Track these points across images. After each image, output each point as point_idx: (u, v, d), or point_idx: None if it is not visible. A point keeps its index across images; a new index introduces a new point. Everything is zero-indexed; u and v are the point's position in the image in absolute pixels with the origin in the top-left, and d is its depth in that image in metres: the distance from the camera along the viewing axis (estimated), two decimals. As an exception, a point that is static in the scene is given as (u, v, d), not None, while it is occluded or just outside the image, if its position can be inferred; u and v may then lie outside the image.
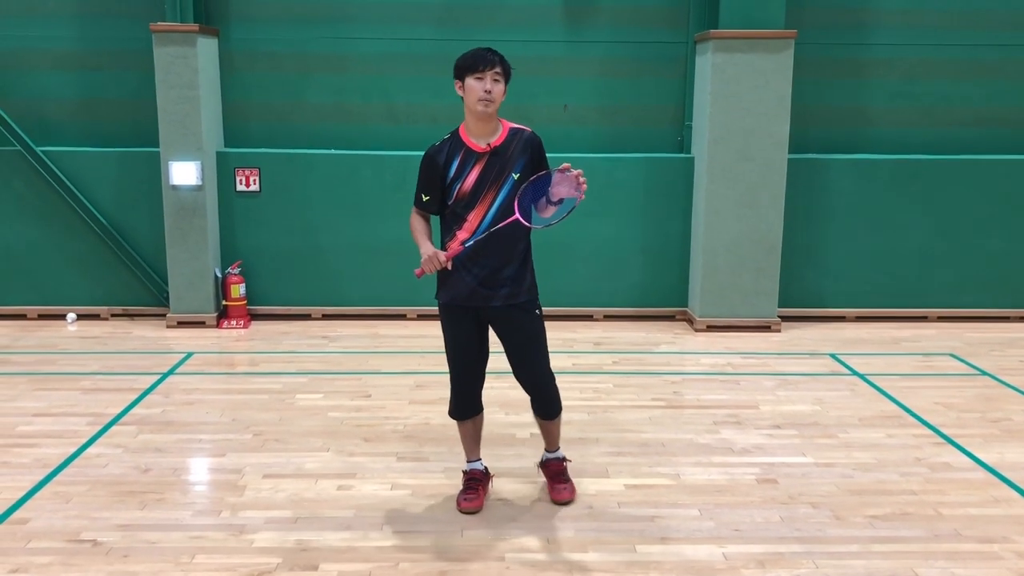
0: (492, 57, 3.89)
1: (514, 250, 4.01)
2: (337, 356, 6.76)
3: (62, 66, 7.54)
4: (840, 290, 7.84)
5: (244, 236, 7.65)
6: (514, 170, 3.95)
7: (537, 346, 4.14)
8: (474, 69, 3.88)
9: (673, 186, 7.68)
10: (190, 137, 7.23)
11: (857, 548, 3.92)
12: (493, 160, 3.95)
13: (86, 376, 6.21)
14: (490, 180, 3.95)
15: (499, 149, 3.96)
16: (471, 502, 4.23)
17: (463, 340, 4.12)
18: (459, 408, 4.25)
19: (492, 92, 3.87)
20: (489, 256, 3.96)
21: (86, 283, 7.69)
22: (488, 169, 3.95)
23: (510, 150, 3.97)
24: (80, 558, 3.77)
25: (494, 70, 3.88)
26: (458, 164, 3.97)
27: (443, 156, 3.99)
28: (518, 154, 3.97)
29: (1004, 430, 5.33)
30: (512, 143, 3.99)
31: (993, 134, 7.86)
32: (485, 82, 3.86)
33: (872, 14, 7.64)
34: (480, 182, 3.95)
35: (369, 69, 7.65)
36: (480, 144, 3.97)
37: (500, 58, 3.93)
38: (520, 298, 4.04)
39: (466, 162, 3.96)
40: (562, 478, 4.37)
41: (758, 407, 5.69)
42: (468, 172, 3.95)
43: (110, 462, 4.74)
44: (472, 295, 4.01)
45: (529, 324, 4.09)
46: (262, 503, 4.28)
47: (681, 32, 7.64)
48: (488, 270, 3.98)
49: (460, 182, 3.96)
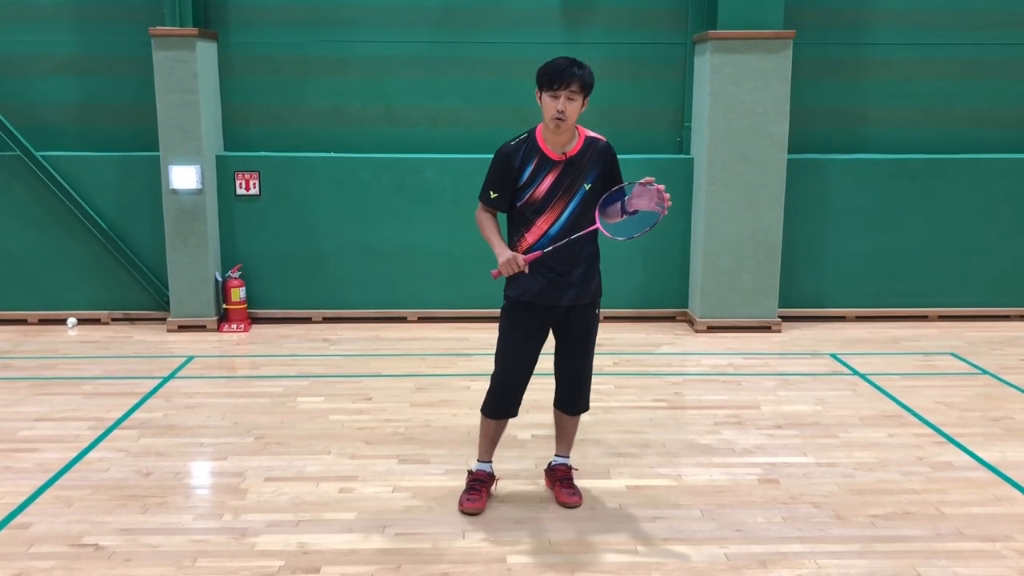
0: (569, 75, 3.82)
1: (582, 254, 4.04)
2: (338, 359, 6.76)
3: (62, 71, 7.54)
4: (840, 290, 7.84)
5: (244, 240, 7.66)
6: (587, 180, 3.98)
7: (591, 344, 4.20)
8: (550, 86, 3.85)
9: (673, 187, 7.48)
10: (190, 141, 7.23)
11: (859, 548, 3.92)
12: (568, 169, 3.97)
13: (87, 381, 6.21)
14: (563, 189, 3.97)
15: (574, 159, 3.97)
16: (474, 503, 4.22)
17: (523, 337, 4.12)
18: (499, 407, 4.22)
19: (566, 111, 3.84)
20: (560, 260, 3.99)
21: (87, 288, 7.69)
22: (562, 178, 3.97)
23: (584, 160, 3.99)
24: (82, 562, 3.77)
25: (570, 88, 3.82)
26: (532, 169, 3.97)
27: (518, 158, 3.98)
28: (591, 165, 3.99)
29: (1005, 429, 5.33)
30: (587, 153, 4.00)
31: (992, 133, 7.86)
32: (559, 101, 3.83)
33: (870, 14, 7.65)
34: (553, 190, 3.97)
35: (368, 72, 7.65)
36: (556, 152, 3.97)
37: (580, 74, 3.84)
38: (586, 299, 4.10)
39: (541, 168, 3.97)
40: (571, 483, 4.37)
41: (759, 407, 5.69)
42: (542, 179, 3.97)
43: (112, 466, 4.74)
44: (542, 293, 4.04)
45: (588, 322, 4.15)
46: (264, 506, 4.28)
47: (680, 33, 7.65)
48: (558, 273, 4.02)
49: (533, 188, 3.97)
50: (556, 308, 4.06)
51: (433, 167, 7.60)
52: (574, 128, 4.00)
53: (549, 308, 4.06)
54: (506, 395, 4.18)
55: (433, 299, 7.74)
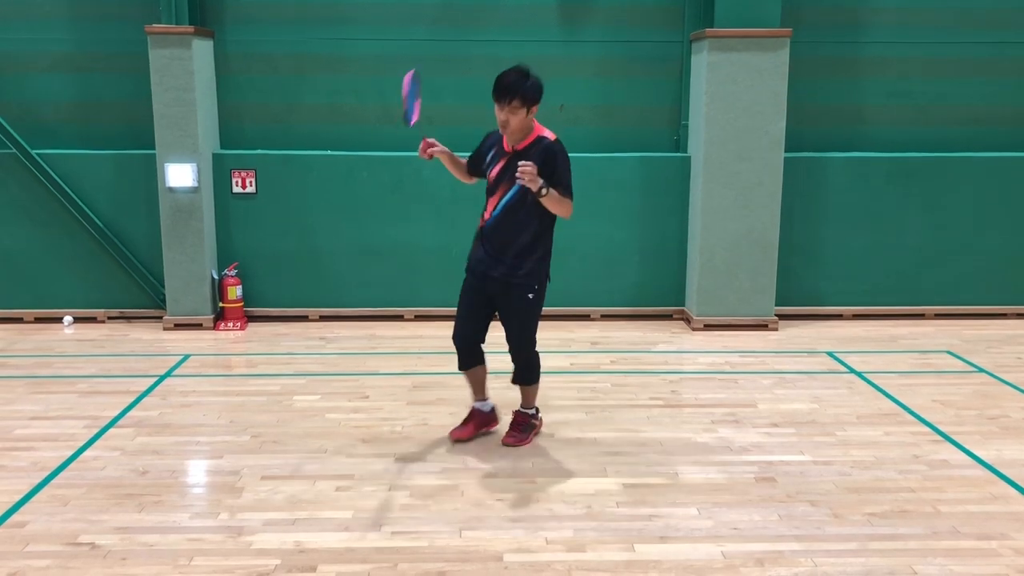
0: (510, 92, 4.44)
1: (516, 240, 4.66)
2: (334, 357, 6.75)
3: (57, 69, 7.52)
4: (837, 288, 7.84)
5: (240, 238, 7.64)
6: None
7: (519, 321, 4.78)
8: (495, 99, 4.51)
9: (670, 185, 7.68)
10: (186, 139, 7.22)
11: (855, 546, 3.92)
12: (513, 160, 4.55)
13: (83, 379, 6.20)
14: (507, 177, 4.59)
15: (519, 153, 4.58)
16: (461, 431, 5.01)
17: (467, 291, 4.85)
18: (459, 359, 4.94)
19: (508, 122, 4.52)
20: (498, 237, 4.70)
21: (83, 286, 7.68)
22: (507, 167, 4.59)
23: (529, 156, 4.52)
24: (78, 561, 3.76)
25: (511, 104, 4.46)
26: (492, 154, 4.73)
27: (490, 141, 4.79)
28: (534, 159, 4.46)
29: (1002, 427, 5.33)
30: (532, 149, 4.57)
31: (988, 132, 7.86)
32: (503, 112, 4.51)
33: (867, 12, 7.64)
34: (500, 175, 4.66)
35: (365, 70, 7.64)
36: (509, 145, 4.66)
37: (520, 91, 4.43)
38: (515, 279, 4.68)
39: (497, 155, 4.71)
40: (518, 427, 5.03)
41: (756, 406, 5.69)
42: (495, 164, 4.70)
43: (107, 465, 4.73)
44: (479, 262, 4.78)
45: (517, 302, 4.73)
46: (260, 505, 4.28)
47: (677, 31, 7.64)
48: (495, 248, 4.70)
49: (489, 170, 4.74)
50: (490, 279, 4.73)
51: (430, 165, 7.47)
52: (528, 128, 4.60)
53: (484, 276, 4.75)
54: (458, 348, 4.89)
55: (430, 297, 7.72)
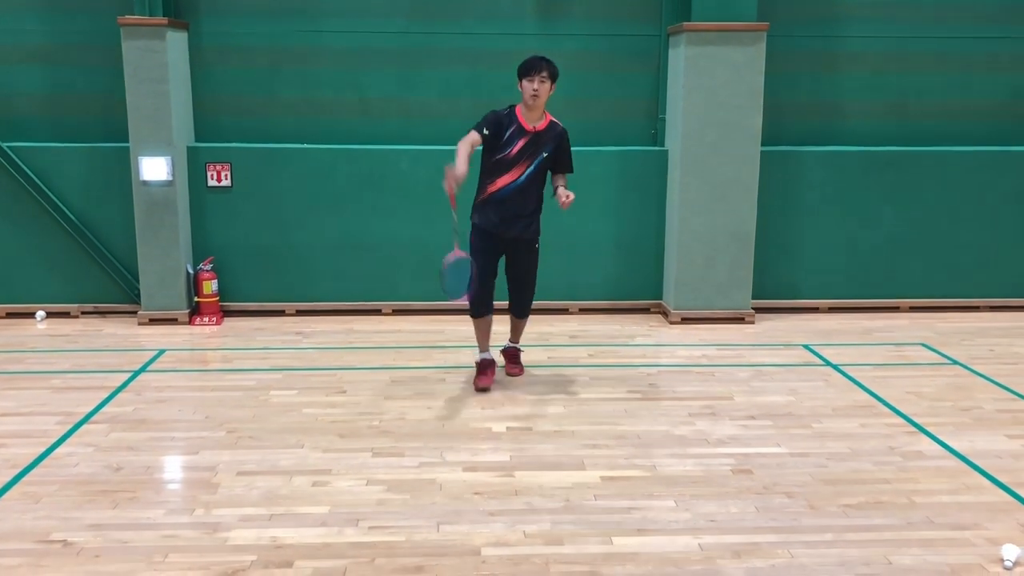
0: (540, 65, 5.32)
1: (529, 204, 5.53)
2: (311, 352, 6.71)
3: (29, 60, 7.41)
4: (813, 281, 7.89)
5: (216, 232, 7.58)
6: (544, 151, 5.45)
7: (532, 265, 5.74)
8: (527, 74, 5.31)
9: (647, 179, 7.69)
10: (160, 132, 7.14)
11: (832, 537, 3.95)
12: (534, 139, 5.41)
13: (56, 375, 6.13)
14: (528, 154, 5.40)
15: (540, 133, 5.43)
16: (484, 380, 5.70)
17: (481, 251, 5.52)
18: (475, 307, 5.63)
19: (539, 91, 5.32)
20: (517, 202, 5.48)
21: (56, 281, 7.58)
22: (529, 145, 5.40)
23: (547, 136, 5.45)
24: (50, 559, 3.72)
25: (540, 75, 5.30)
26: (510, 133, 5.38)
27: (504, 121, 5.39)
28: (551, 140, 5.46)
29: (975, 418, 5.39)
30: (550, 131, 5.47)
31: (962, 126, 7.93)
32: (534, 84, 5.30)
33: (843, 7, 7.68)
34: (521, 152, 5.40)
35: (341, 63, 7.60)
36: (529, 125, 5.40)
37: (548, 65, 5.34)
38: (527, 234, 5.58)
39: (516, 135, 5.38)
40: (517, 359, 6.08)
41: (733, 398, 5.71)
42: (516, 142, 5.38)
43: (81, 461, 4.68)
44: (499, 224, 5.52)
45: (528, 252, 5.68)
46: (236, 500, 4.25)
47: (654, 25, 7.65)
48: (513, 211, 5.49)
49: (509, 148, 5.38)
50: (506, 238, 5.55)
51: (407, 158, 7.55)
52: (543, 110, 5.43)
53: (501, 237, 5.54)
54: (478, 297, 5.50)
55: (408, 291, 7.70)
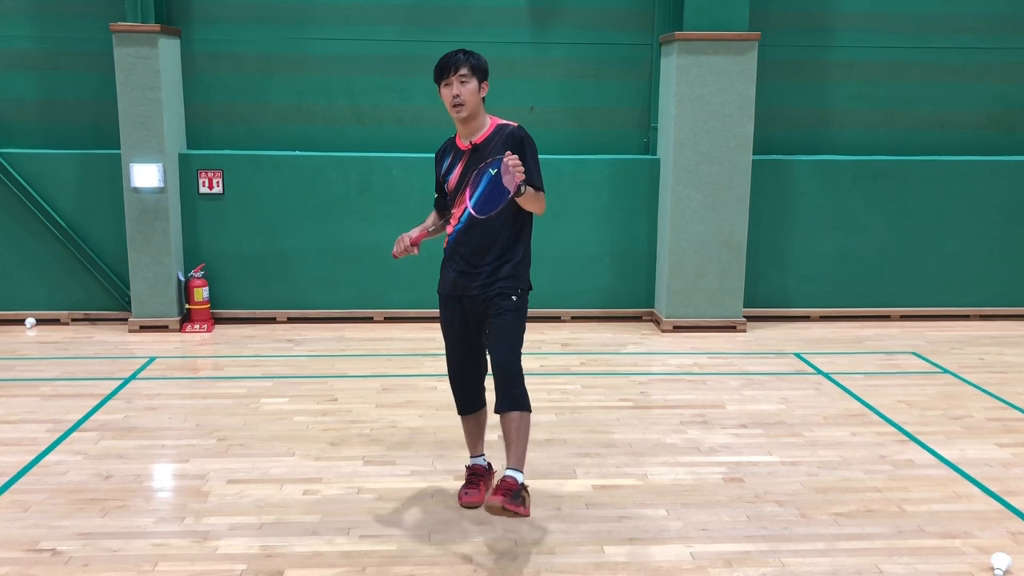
0: (455, 62, 3.92)
1: (492, 243, 3.99)
2: (303, 360, 6.70)
3: (20, 67, 7.40)
4: (804, 290, 7.91)
5: (207, 239, 7.56)
6: (491, 166, 3.87)
7: (507, 335, 3.95)
8: (441, 77, 3.96)
9: (639, 188, 7.70)
10: (152, 139, 7.13)
11: (823, 546, 3.95)
12: (473, 157, 3.99)
13: (46, 382, 6.10)
14: (469, 179, 3.97)
15: (479, 146, 3.99)
16: (471, 496, 4.19)
17: (449, 326, 4.14)
18: (457, 402, 4.27)
19: (461, 95, 3.91)
20: (466, 250, 4.02)
21: (46, 288, 7.56)
22: (469, 166, 3.99)
23: (491, 146, 3.97)
24: (39, 568, 3.69)
25: (459, 72, 3.90)
26: (448, 162, 4.09)
27: (443, 154, 4.14)
28: (498, 150, 3.90)
29: (965, 427, 5.40)
30: (494, 139, 3.98)
31: (952, 136, 7.97)
32: (452, 87, 3.91)
33: (834, 17, 7.72)
34: (461, 178, 4.02)
35: (333, 70, 7.60)
36: (464, 142, 4.04)
37: (467, 59, 3.93)
38: (494, 289, 3.98)
39: (454, 160, 4.07)
40: (516, 494, 3.68)
41: (724, 407, 5.72)
42: (454, 169, 4.06)
43: (70, 469, 4.66)
44: (454, 285, 4.07)
45: (498, 315, 3.96)
46: (226, 509, 4.23)
47: (646, 34, 7.67)
48: (468, 262, 4.02)
49: (448, 179, 4.08)
50: (470, 298, 4.03)
51: (399, 166, 7.56)
52: (483, 116, 4.03)
53: (463, 298, 4.05)
54: (456, 389, 4.23)
55: (399, 299, 7.69)
